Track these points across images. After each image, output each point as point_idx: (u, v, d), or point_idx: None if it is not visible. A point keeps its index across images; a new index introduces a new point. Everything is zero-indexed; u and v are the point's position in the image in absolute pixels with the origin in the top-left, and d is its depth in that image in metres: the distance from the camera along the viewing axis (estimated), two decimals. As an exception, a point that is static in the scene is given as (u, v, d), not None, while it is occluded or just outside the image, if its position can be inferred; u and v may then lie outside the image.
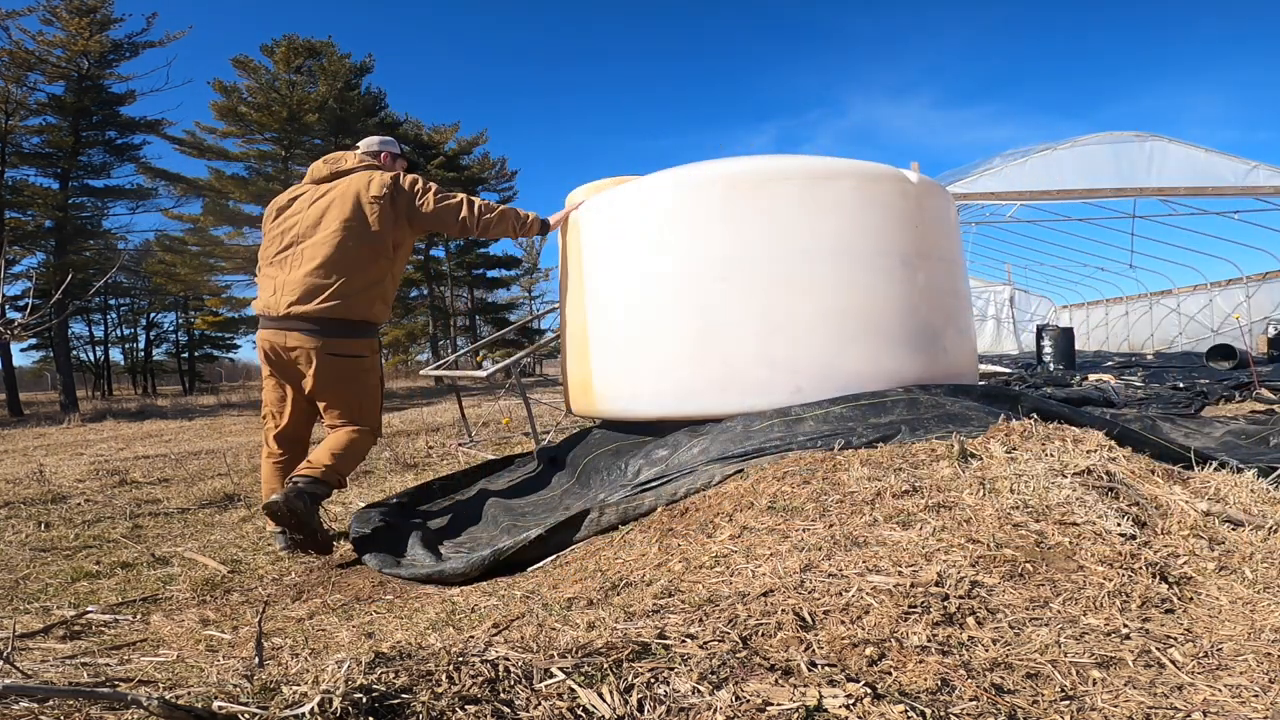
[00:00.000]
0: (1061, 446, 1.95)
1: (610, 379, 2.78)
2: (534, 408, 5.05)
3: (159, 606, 2.17)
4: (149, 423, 12.20)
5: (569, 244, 3.04)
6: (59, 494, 4.23)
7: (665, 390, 2.59)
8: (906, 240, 2.61)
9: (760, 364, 2.47)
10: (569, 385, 3.11)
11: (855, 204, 2.55)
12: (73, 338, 25.49)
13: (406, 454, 5.08)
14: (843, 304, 2.50)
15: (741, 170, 2.60)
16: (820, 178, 2.55)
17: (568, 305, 3.07)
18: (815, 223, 2.51)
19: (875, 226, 2.57)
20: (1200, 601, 1.33)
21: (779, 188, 2.53)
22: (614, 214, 2.80)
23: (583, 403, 2.97)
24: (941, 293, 2.72)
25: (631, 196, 2.75)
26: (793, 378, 2.45)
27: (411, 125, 30.09)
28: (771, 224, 2.51)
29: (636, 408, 2.70)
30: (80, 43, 17.98)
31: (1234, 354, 9.21)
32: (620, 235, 2.76)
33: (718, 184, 2.57)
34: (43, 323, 4.81)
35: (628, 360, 2.71)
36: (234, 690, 0.90)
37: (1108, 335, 18.40)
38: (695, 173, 2.65)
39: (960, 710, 0.96)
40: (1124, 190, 9.53)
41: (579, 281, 2.93)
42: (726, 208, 2.53)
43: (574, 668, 0.99)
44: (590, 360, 2.85)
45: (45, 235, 18.57)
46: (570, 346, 3.05)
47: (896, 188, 2.64)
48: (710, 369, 2.51)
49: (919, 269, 2.62)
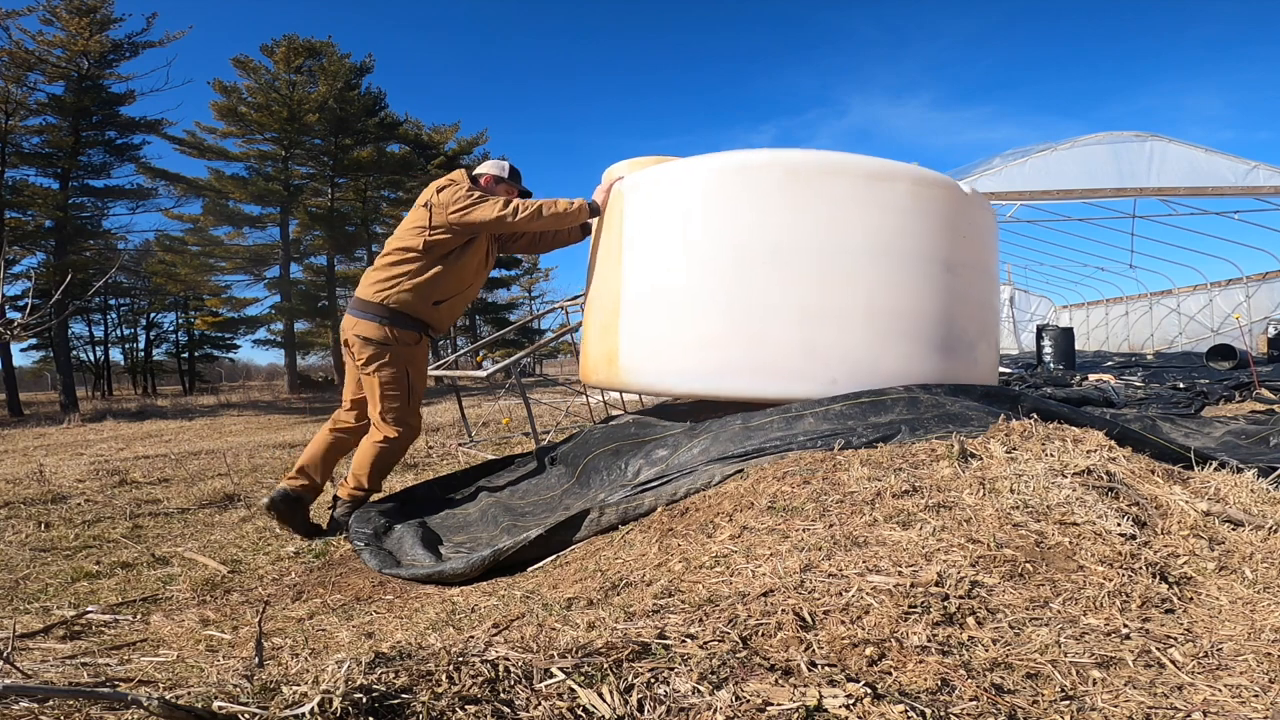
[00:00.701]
0: (1061, 446, 1.95)
1: (641, 352, 2.76)
2: (534, 408, 5.05)
3: (159, 606, 2.17)
4: (149, 423, 12.21)
5: (609, 215, 3.02)
6: (59, 494, 4.23)
7: (699, 368, 2.59)
8: (952, 248, 2.66)
9: (800, 352, 2.49)
10: (589, 356, 3.10)
11: (908, 206, 2.58)
12: (73, 338, 25.49)
13: (406, 454, 5.08)
14: (887, 303, 2.53)
15: (800, 160, 2.61)
16: (877, 177, 2.58)
17: (598, 275, 3.05)
18: (869, 219, 2.54)
19: (925, 230, 2.61)
20: (1200, 601, 1.33)
21: (836, 181, 2.55)
22: (663, 189, 2.78)
23: (605, 374, 2.94)
24: (979, 304, 2.78)
25: (683, 174, 2.74)
26: (831, 369, 2.47)
27: (411, 125, 30.09)
28: (826, 215, 2.53)
29: (666, 382, 2.69)
30: (80, 43, 17.97)
31: (1234, 354, 9.21)
32: (668, 210, 2.75)
33: (776, 170, 2.57)
34: (43, 323, 4.80)
35: (662, 334, 2.69)
36: (234, 690, 0.90)
37: (1108, 335, 18.39)
38: (753, 157, 2.66)
39: (960, 710, 0.96)
40: (1124, 190, 9.53)
41: (615, 252, 2.90)
42: (783, 195, 2.55)
43: (574, 668, 0.99)
44: (619, 332, 2.82)
45: (45, 235, 18.56)
46: (596, 317, 3.03)
47: (948, 195, 2.69)
48: (748, 351, 2.52)
49: (961, 278, 2.67)
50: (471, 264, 3.03)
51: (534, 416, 4.95)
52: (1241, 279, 14.03)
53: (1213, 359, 9.45)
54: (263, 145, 24.74)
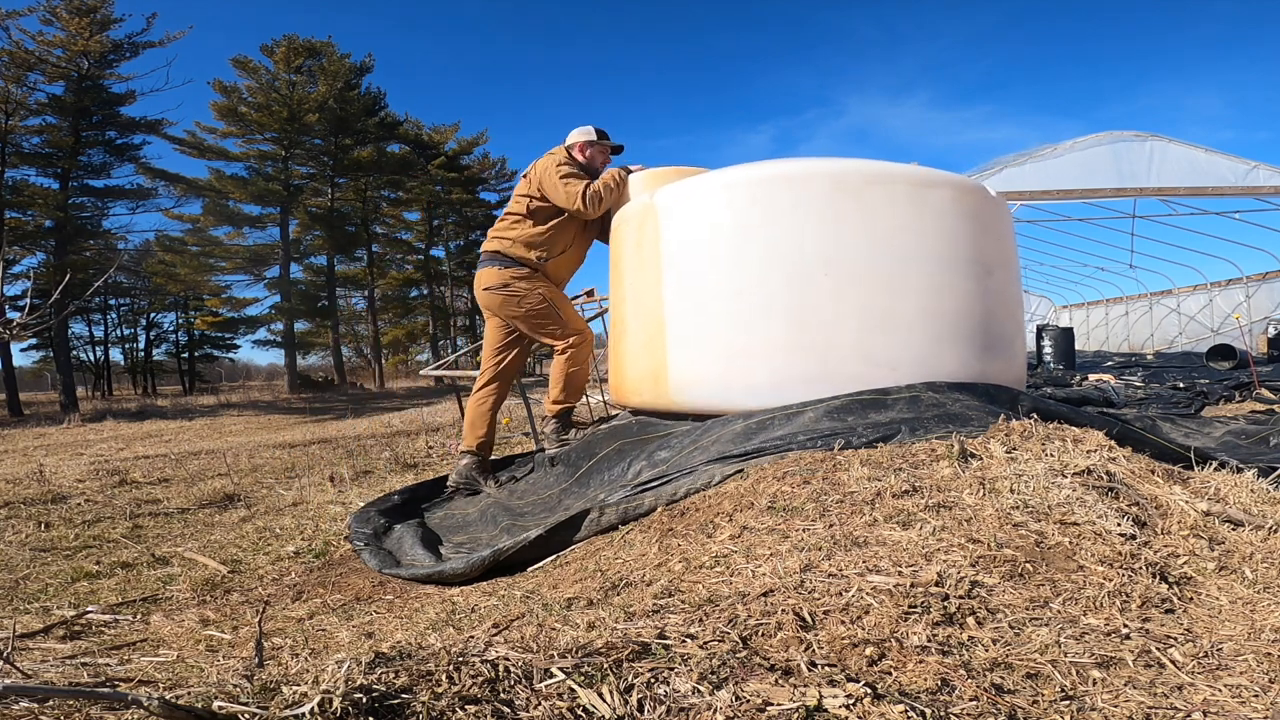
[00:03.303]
0: (1061, 446, 1.95)
1: (696, 370, 2.73)
2: (534, 408, 5.05)
3: (159, 606, 2.17)
4: (149, 423, 12.21)
5: (640, 230, 2.98)
6: (59, 494, 4.23)
7: (759, 382, 2.59)
8: (990, 249, 2.75)
9: (858, 359, 2.52)
10: (626, 376, 3.05)
11: (953, 212, 2.67)
12: (73, 338, 25.50)
13: (406, 454, 5.08)
14: (939, 306, 2.59)
15: (845, 170, 2.65)
16: (923, 184, 2.66)
17: (631, 292, 3.02)
18: (918, 226, 2.61)
19: (967, 235, 2.69)
20: (1200, 601, 1.33)
21: (884, 190, 2.61)
22: (706, 203, 2.77)
23: (652, 393, 2.90)
24: (1013, 301, 2.90)
25: (725, 187, 2.74)
26: (890, 374, 2.50)
27: (411, 125, 30.07)
28: (875, 223, 2.58)
29: (730, 397, 2.66)
30: (80, 43, 17.98)
31: (1234, 354, 9.20)
32: (714, 224, 2.73)
33: (822, 181, 2.61)
34: (43, 323, 4.80)
35: (723, 351, 2.67)
36: (234, 690, 0.90)
37: (1108, 335, 18.39)
38: (795, 167, 2.68)
39: (960, 710, 0.96)
40: (1124, 190, 9.52)
41: (653, 268, 2.87)
42: (830, 205, 2.59)
43: (574, 668, 0.99)
44: (667, 350, 2.79)
45: (45, 235, 18.57)
46: (635, 337, 2.99)
47: (983, 198, 2.79)
48: (807, 362, 2.54)
49: (997, 278, 2.76)
50: (571, 227, 3.33)
51: (534, 416, 4.95)
52: (1241, 279, 14.02)
53: (1213, 359, 9.44)
54: (263, 145, 24.74)
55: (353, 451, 5.89)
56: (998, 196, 2.93)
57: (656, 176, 3.12)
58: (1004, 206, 3.00)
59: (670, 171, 3.15)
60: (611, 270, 3.28)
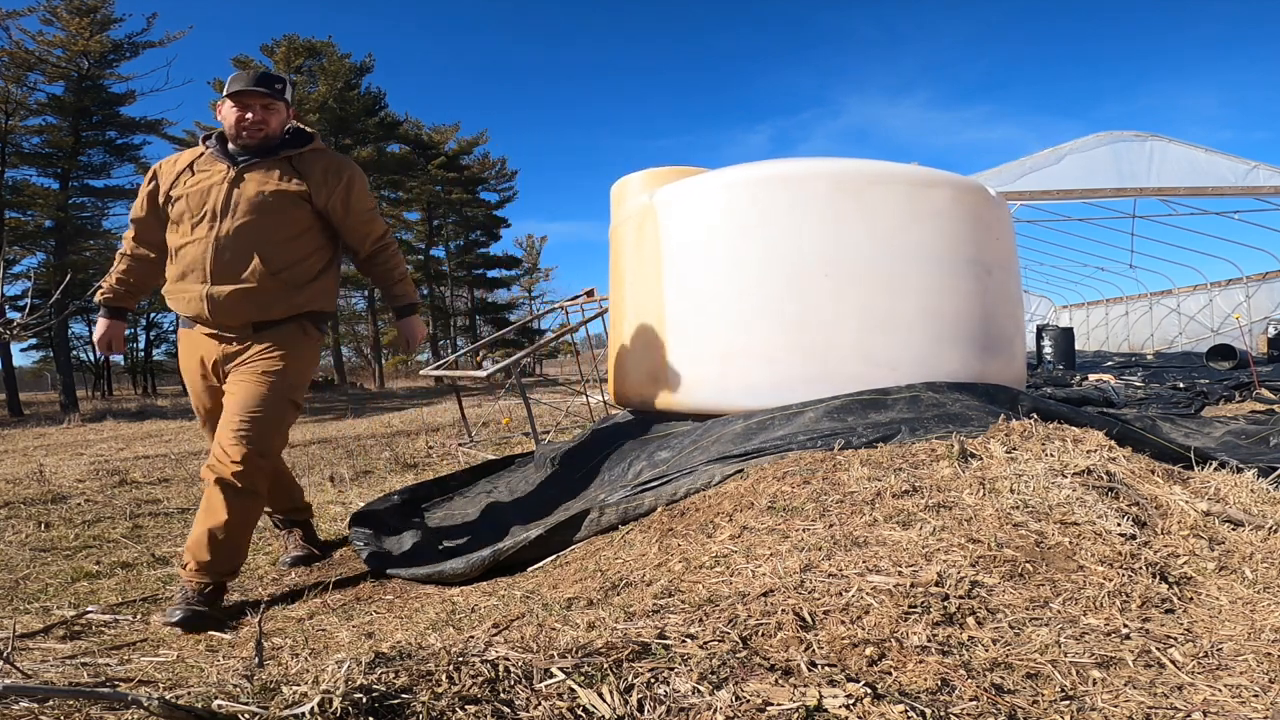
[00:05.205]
0: (1061, 446, 1.95)
1: (695, 369, 2.73)
2: (534, 408, 5.05)
3: (159, 606, 2.17)
4: (149, 423, 12.21)
5: (639, 231, 2.98)
6: (59, 494, 4.23)
7: (759, 382, 2.59)
8: (989, 249, 2.75)
9: (859, 359, 2.52)
10: (627, 376, 3.06)
11: (952, 212, 2.66)
12: (73, 338, 25.47)
13: (406, 454, 5.08)
14: (939, 306, 2.59)
15: (845, 170, 2.64)
16: (923, 184, 2.65)
17: (631, 293, 3.02)
18: (918, 226, 2.61)
19: (967, 235, 2.69)
20: (1200, 601, 1.33)
21: (883, 190, 2.61)
22: (706, 203, 2.77)
23: (650, 393, 2.90)
24: (1013, 301, 2.90)
25: (725, 188, 2.74)
26: (890, 374, 2.50)
27: (411, 125, 30.08)
28: (875, 223, 2.58)
29: (729, 399, 2.65)
30: (80, 43, 17.98)
31: (1234, 354, 9.20)
32: (714, 225, 2.73)
33: (822, 181, 2.61)
34: (43, 323, 4.81)
35: (717, 351, 2.67)
36: (234, 690, 0.90)
37: (1108, 335, 18.38)
38: (795, 167, 2.68)
39: (960, 710, 0.96)
40: (1124, 190, 9.52)
41: (654, 270, 2.86)
42: (830, 205, 2.59)
43: (574, 668, 0.99)
44: (667, 350, 2.80)
45: (45, 235, 18.56)
46: (634, 336, 2.99)
47: (982, 199, 2.78)
48: (807, 362, 2.54)
49: (996, 278, 2.75)
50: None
51: (534, 416, 4.95)
52: (1241, 279, 14.02)
53: (1213, 359, 9.44)
54: (263, 145, 24.68)
55: (353, 451, 5.89)
56: (997, 196, 2.93)
57: (656, 176, 3.12)
58: (1004, 206, 3.00)
59: (669, 171, 3.15)
60: (611, 271, 3.27)
